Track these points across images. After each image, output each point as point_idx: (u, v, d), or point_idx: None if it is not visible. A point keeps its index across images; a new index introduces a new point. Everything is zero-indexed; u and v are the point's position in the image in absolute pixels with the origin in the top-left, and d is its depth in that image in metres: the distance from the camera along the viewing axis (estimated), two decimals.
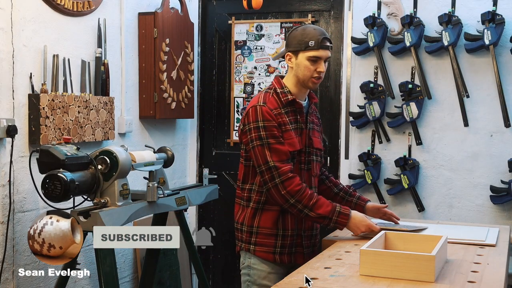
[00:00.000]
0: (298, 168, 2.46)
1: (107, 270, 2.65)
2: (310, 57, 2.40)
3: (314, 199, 2.37)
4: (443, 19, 3.60)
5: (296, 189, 2.35)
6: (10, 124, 2.71)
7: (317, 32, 2.42)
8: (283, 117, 2.42)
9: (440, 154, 3.75)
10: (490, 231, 2.58)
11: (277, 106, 2.43)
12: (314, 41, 2.39)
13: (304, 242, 2.50)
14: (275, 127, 2.38)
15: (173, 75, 3.88)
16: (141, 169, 2.95)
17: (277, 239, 2.45)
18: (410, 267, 1.83)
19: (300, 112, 2.49)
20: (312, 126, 2.56)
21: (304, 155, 2.48)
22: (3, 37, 2.72)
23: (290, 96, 2.45)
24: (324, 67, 2.44)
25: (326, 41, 2.42)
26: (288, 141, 2.40)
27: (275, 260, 2.45)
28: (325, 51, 2.42)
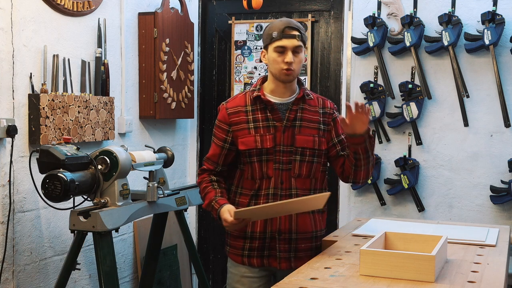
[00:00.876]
0: (273, 168, 2.37)
1: (107, 270, 2.66)
2: (275, 48, 2.33)
3: (205, 192, 2.41)
4: (443, 19, 3.60)
5: (198, 181, 2.47)
6: (10, 124, 2.71)
7: (282, 22, 2.35)
8: (241, 116, 2.39)
9: (440, 154, 3.75)
10: (490, 231, 2.58)
11: (240, 105, 2.41)
12: (277, 31, 2.32)
13: (279, 245, 2.37)
14: (222, 128, 2.42)
15: (173, 75, 3.88)
16: (141, 169, 2.95)
17: (245, 242, 2.40)
18: (410, 267, 1.83)
19: (272, 110, 2.37)
20: (300, 124, 2.39)
21: (280, 154, 2.36)
22: (3, 37, 2.72)
23: (257, 93, 2.39)
24: (294, 57, 2.32)
25: (290, 30, 2.32)
26: (241, 139, 2.37)
27: (243, 262, 2.41)
28: (290, 40, 2.31)
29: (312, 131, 2.41)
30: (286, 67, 2.32)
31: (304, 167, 2.40)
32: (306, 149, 2.39)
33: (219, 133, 2.44)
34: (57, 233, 3.07)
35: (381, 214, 3.85)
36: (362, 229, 2.62)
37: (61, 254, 3.08)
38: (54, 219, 3.04)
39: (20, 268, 2.84)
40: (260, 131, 2.37)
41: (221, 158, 2.43)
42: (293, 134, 2.38)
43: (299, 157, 2.39)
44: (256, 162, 2.37)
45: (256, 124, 2.38)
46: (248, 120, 2.38)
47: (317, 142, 2.41)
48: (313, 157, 2.42)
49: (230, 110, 2.42)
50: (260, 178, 2.38)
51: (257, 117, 2.38)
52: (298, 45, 2.33)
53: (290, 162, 2.38)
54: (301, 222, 2.39)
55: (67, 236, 3.09)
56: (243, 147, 2.37)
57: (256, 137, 2.36)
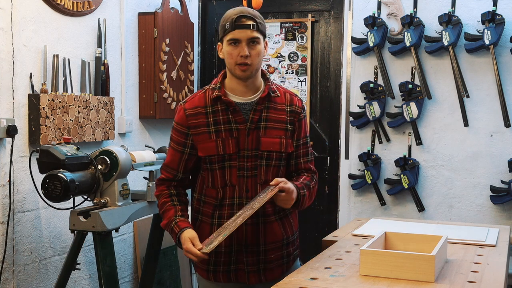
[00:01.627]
0: (237, 175, 2.13)
1: (107, 270, 2.66)
2: (228, 41, 2.08)
3: (162, 210, 2.17)
4: (443, 19, 3.60)
5: (156, 194, 2.22)
6: (10, 124, 2.71)
7: (234, 11, 2.09)
8: (200, 118, 2.13)
9: (440, 154, 3.75)
10: (490, 231, 2.58)
11: (199, 105, 2.14)
12: (228, 22, 2.07)
13: (247, 258, 2.16)
14: (180, 131, 2.16)
15: (173, 75, 3.88)
16: (141, 169, 2.95)
17: (210, 256, 2.11)
18: (410, 267, 1.83)
19: (234, 111, 2.12)
20: (266, 125, 2.15)
21: (244, 160, 2.13)
22: (3, 37, 2.72)
23: (217, 92, 2.13)
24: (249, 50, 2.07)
25: (242, 19, 2.06)
26: (201, 145, 2.12)
27: (209, 278, 2.20)
28: (243, 31, 2.06)
29: (279, 132, 2.17)
30: (241, 61, 2.07)
31: (270, 172, 2.16)
32: (272, 153, 2.15)
33: (178, 137, 2.17)
34: (57, 233, 3.07)
35: (381, 214, 3.85)
36: (362, 229, 2.62)
37: (61, 254, 3.08)
38: (54, 219, 3.04)
39: (20, 268, 2.84)
40: (222, 135, 2.11)
41: (181, 164, 2.18)
42: (257, 137, 2.13)
43: (264, 162, 2.14)
44: (217, 169, 2.13)
45: (217, 127, 2.12)
46: (209, 123, 2.12)
47: (284, 144, 2.17)
48: (280, 160, 2.18)
49: (188, 111, 2.14)
50: (223, 187, 2.14)
51: (218, 119, 2.13)
52: (254, 36, 2.07)
53: (256, 167, 2.14)
54: (269, 231, 2.17)
55: (67, 236, 3.09)
56: (203, 153, 2.13)
57: (217, 141, 2.11)
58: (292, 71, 4.17)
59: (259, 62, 2.12)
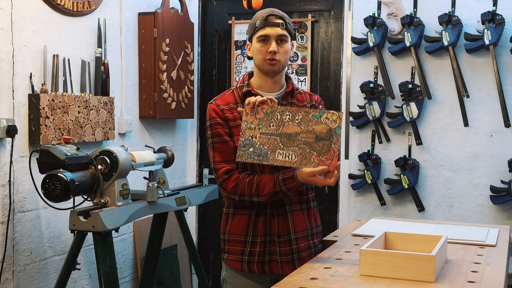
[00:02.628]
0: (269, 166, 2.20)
1: (107, 270, 2.66)
2: (258, 37, 2.22)
3: (255, 184, 2.16)
4: (443, 19, 3.60)
5: (233, 185, 2.19)
6: (10, 124, 2.71)
7: (264, 11, 2.25)
8: (234, 112, 2.24)
9: (440, 154, 3.75)
10: (490, 231, 2.58)
11: (230, 102, 2.26)
12: (259, 20, 2.21)
13: (280, 249, 2.25)
14: (220, 124, 2.23)
15: (173, 75, 3.88)
16: (141, 169, 2.95)
17: (246, 246, 2.25)
18: (410, 267, 1.83)
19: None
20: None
21: None
22: (3, 37, 2.72)
23: (246, 88, 2.27)
24: (278, 47, 2.20)
25: (272, 18, 2.21)
26: (237, 137, 2.19)
27: (243, 269, 2.27)
28: (273, 28, 2.20)
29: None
30: (270, 57, 2.20)
31: None
32: None
33: (221, 130, 2.25)
34: (57, 233, 3.07)
35: (381, 214, 3.85)
36: (362, 229, 2.62)
37: (61, 254, 3.08)
38: (54, 219, 3.04)
39: (20, 268, 2.84)
40: None
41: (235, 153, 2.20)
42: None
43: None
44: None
45: None
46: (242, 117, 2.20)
47: None
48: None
49: (222, 106, 2.26)
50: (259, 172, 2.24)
51: None
52: (283, 34, 2.22)
53: None
54: (297, 220, 2.28)
55: (67, 236, 3.09)
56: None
57: None
58: (292, 71, 4.17)
59: (286, 60, 2.26)
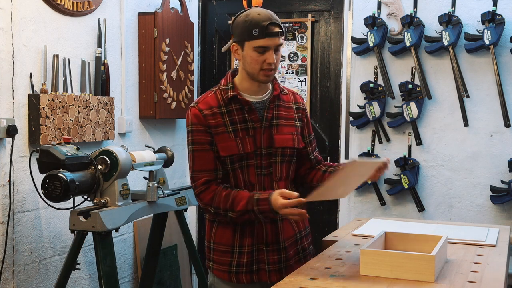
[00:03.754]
0: (255, 174, 2.14)
1: (107, 270, 2.66)
2: (255, 47, 2.06)
3: (230, 199, 2.06)
4: (443, 19, 3.60)
5: (209, 197, 2.09)
6: (10, 124, 2.71)
7: (262, 17, 2.06)
8: (217, 118, 2.11)
9: (440, 154, 3.75)
10: (490, 231, 2.57)
11: (213, 105, 2.13)
12: (258, 28, 2.04)
13: (268, 257, 2.15)
14: (200, 131, 2.11)
15: (173, 75, 3.88)
16: (141, 169, 2.95)
17: (233, 257, 2.15)
18: (410, 267, 1.83)
19: (250, 110, 2.13)
20: (278, 122, 2.18)
21: (260, 158, 2.14)
22: (3, 37, 2.72)
23: (232, 92, 2.14)
24: (275, 56, 2.08)
25: (273, 27, 2.05)
26: (221, 144, 2.10)
27: (231, 280, 2.16)
28: (273, 39, 2.05)
29: (290, 129, 2.21)
30: (267, 67, 2.09)
31: (284, 169, 2.20)
32: (286, 149, 2.18)
33: (202, 137, 2.12)
34: (57, 233, 3.07)
35: (381, 214, 3.85)
36: (362, 229, 2.62)
37: (61, 254, 3.08)
38: (54, 219, 3.04)
39: (20, 268, 2.84)
40: (239, 134, 2.12)
41: (216, 162, 2.12)
42: (270, 135, 2.16)
43: (279, 159, 2.18)
44: (238, 168, 2.14)
45: (235, 127, 2.12)
46: (226, 123, 2.12)
47: (296, 140, 2.21)
48: (292, 156, 2.22)
49: (205, 111, 2.12)
50: (244, 186, 2.14)
51: (234, 118, 2.13)
52: (280, 43, 2.09)
53: (271, 165, 2.16)
54: (285, 228, 2.19)
55: (67, 236, 3.09)
56: (224, 153, 2.11)
57: (237, 141, 2.11)
58: (292, 71, 4.16)
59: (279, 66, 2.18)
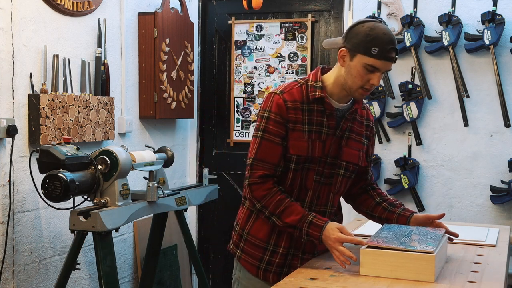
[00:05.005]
0: (313, 180, 2.09)
1: (107, 270, 2.66)
2: (367, 64, 1.97)
3: (283, 206, 2.01)
4: (443, 19, 3.60)
5: (262, 194, 2.04)
6: (10, 124, 2.71)
7: (386, 38, 1.96)
8: (298, 114, 2.04)
9: (440, 154, 3.75)
10: (490, 231, 2.57)
11: (297, 99, 2.05)
12: (379, 48, 1.94)
13: (301, 265, 2.10)
14: (279, 122, 2.03)
15: (173, 75, 3.88)
16: (141, 169, 2.95)
17: (265, 253, 2.11)
18: (410, 267, 1.83)
19: (330, 115, 2.06)
20: (349, 135, 2.12)
21: (323, 166, 2.09)
22: (3, 37, 2.72)
23: (320, 93, 2.05)
24: (380, 79, 2.01)
25: (393, 52, 1.97)
26: (293, 142, 2.04)
27: (259, 275, 2.13)
28: (388, 63, 1.98)
29: (358, 145, 2.15)
30: (368, 88, 2.01)
31: (344, 184, 2.16)
32: (350, 164, 2.13)
33: (276, 128, 2.03)
34: (57, 233, 3.07)
35: None
36: (362, 229, 2.62)
37: (61, 254, 3.08)
38: (54, 219, 3.04)
39: (20, 268, 2.84)
40: (312, 136, 2.05)
41: (281, 159, 2.05)
42: (339, 146, 2.09)
43: (342, 172, 2.12)
44: (300, 170, 2.07)
45: (310, 128, 2.05)
46: (303, 121, 2.05)
47: (361, 158, 2.16)
48: (354, 173, 2.17)
49: (289, 103, 2.04)
50: (299, 189, 2.09)
51: (312, 119, 2.05)
52: (391, 69, 2.05)
53: (332, 176, 2.11)
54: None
55: (67, 236, 3.09)
56: (293, 152, 2.04)
57: (308, 142, 2.05)
58: (292, 71, 4.16)
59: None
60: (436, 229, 2.09)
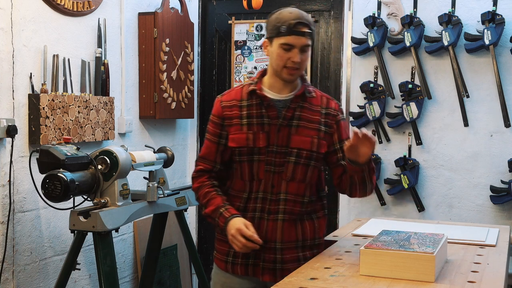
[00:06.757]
0: (264, 170, 2.17)
1: (107, 270, 2.66)
2: (281, 44, 2.10)
3: (207, 199, 2.19)
4: (443, 19, 3.60)
5: (196, 186, 2.25)
6: (10, 124, 2.71)
7: (292, 15, 2.11)
8: (234, 110, 2.19)
9: (440, 154, 3.75)
10: (490, 231, 2.57)
11: (234, 98, 2.22)
12: (286, 26, 2.09)
13: (264, 254, 2.18)
14: (215, 122, 2.23)
15: (173, 75, 3.88)
16: (141, 169, 2.95)
17: (230, 247, 2.17)
18: (410, 267, 1.83)
19: (269, 106, 2.17)
20: (298, 123, 2.18)
21: (273, 155, 2.16)
22: (3, 37, 2.72)
23: (253, 86, 2.19)
24: (301, 56, 2.11)
25: (300, 26, 2.10)
26: (232, 136, 2.18)
27: (227, 269, 2.23)
28: (299, 37, 2.09)
29: (311, 132, 2.19)
30: (291, 66, 2.12)
31: (299, 171, 2.19)
32: (302, 151, 2.18)
33: (214, 128, 2.24)
34: (57, 233, 3.07)
35: (381, 214, 3.85)
36: (362, 229, 2.62)
37: (61, 254, 3.08)
38: (54, 219, 3.04)
39: (20, 268, 2.84)
40: (254, 128, 2.17)
41: (218, 155, 2.23)
42: (288, 134, 2.17)
43: (294, 159, 2.18)
44: (246, 161, 2.18)
45: (250, 121, 2.18)
46: (242, 116, 2.19)
47: (315, 143, 2.19)
48: (310, 160, 2.20)
49: (224, 103, 2.23)
50: (250, 180, 2.19)
51: (252, 112, 2.18)
52: (307, 44, 2.12)
53: (283, 164, 2.17)
54: (286, 230, 2.19)
55: (67, 236, 3.09)
56: (233, 144, 2.18)
57: (248, 134, 2.17)
58: None
59: (304, 67, 2.19)
60: (435, 233, 2.09)
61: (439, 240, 2.00)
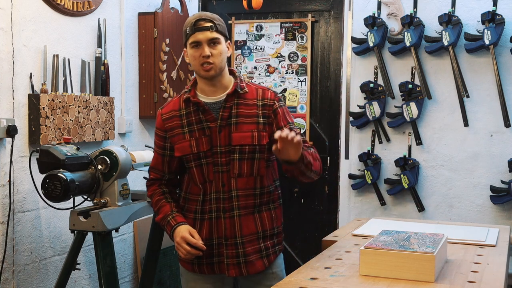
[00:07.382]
0: (213, 171, 2.25)
1: (107, 270, 2.66)
2: (191, 44, 2.21)
3: (158, 205, 2.32)
4: (443, 19, 3.60)
5: (149, 193, 2.38)
6: (10, 124, 2.71)
7: (193, 16, 2.24)
8: (175, 120, 2.27)
9: (440, 154, 3.75)
10: (490, 231, 2.57)
11: (173, 109, 2.29)
12: (189, 26, 2.21)
13: (227, 251, 2.26)
14: (158, 135, 2.33)
15: (173, 75, 3.88)
16: (141, 169, 2.95)
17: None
18: (410, 267, 1.83)
19: (204, 111, 2.24)
20: (237, 121, 2.24)
21: (218, 156, 2.24)
22: (3, 37, 2.72)
23: (187, 94, 2.27)
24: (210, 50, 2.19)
25: (201, 22, 2.20)
26: (177, 146, 2.27)
27: (194, 270, 2.32)
28: (203, 32, 2.18)
29: (250, 126, 2.24)
30: (203, 61, 2.19)
31: (244, 165, 2.25)
32: (244, 146, 2.23)
33: (158, 141, 2.34)
34: (57, 233, 3.07)
35: (381, 214, 3.85)
36: (362, 229, 2.62)
37: (61, 254, 3.08)
38: (54, 219, 3.04)
39: (20, 268, 2.84)
40: (195, 134, 2.25)
41: (165, 166, 2.34)
42: (229, 133, 2.23)
43: (237, 156, 2.24)
44: (195, 167, 2.26)
45: (191, 128, 2.25)
46: (183, 125, 2.27)
47: (256, 137, 2.24)
48: (254, 153, 2.25)
49: (164, 115, 2.30)
50: (203, 183, 2.26)
51: (191, 120, 2.26)
52: (213, 37, 2.19)
53: (229, 162, 2.24)
54: (244, 224, 2.26)
55: (67, 236, 3.09)
56: (178, 154, 2.27)
57: (191, 141, 2.25)
58: (292, 71, 4.17)
59: (222, 61, 2.22)
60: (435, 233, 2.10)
61: (439, 240, 2.00)
